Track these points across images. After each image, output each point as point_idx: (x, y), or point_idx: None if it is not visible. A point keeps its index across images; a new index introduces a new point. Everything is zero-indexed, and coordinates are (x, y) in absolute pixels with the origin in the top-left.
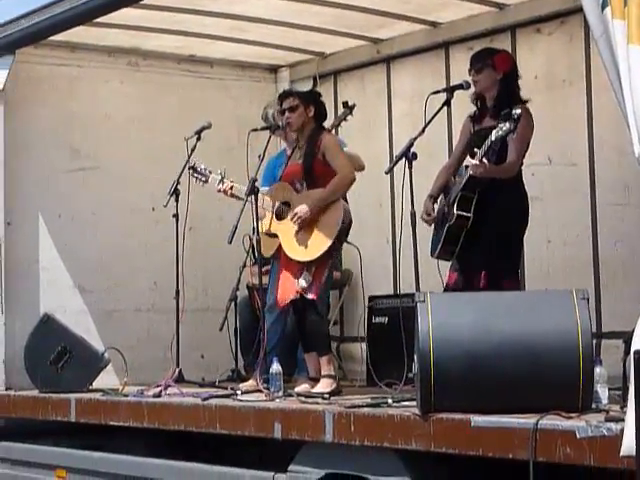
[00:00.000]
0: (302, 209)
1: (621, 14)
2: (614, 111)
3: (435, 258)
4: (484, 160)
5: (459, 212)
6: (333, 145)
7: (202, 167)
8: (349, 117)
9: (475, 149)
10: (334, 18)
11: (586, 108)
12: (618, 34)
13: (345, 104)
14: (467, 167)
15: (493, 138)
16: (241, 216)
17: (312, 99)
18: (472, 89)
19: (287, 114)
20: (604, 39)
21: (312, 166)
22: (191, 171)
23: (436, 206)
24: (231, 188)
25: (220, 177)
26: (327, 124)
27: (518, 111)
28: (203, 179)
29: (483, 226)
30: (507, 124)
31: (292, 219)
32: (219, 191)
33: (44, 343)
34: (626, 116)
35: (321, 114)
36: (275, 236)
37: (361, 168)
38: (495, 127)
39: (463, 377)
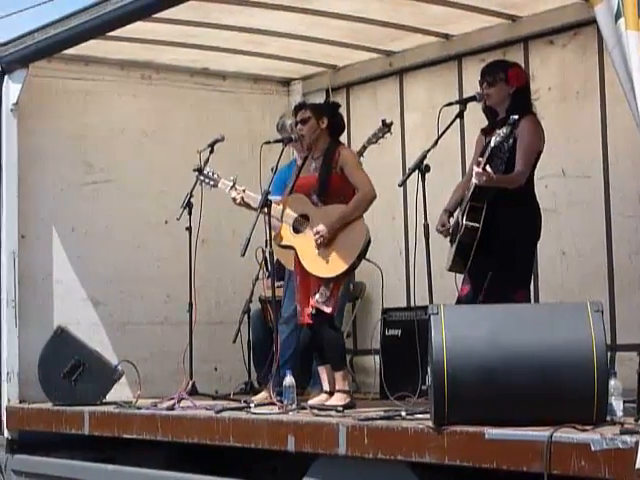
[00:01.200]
0: (323, 229)
1: (635, 25)
2: (628, 122)
3: (448, 271)
4: (487, 169)
5: (467, 222)
6: (351, 160)
7: (209, 170)
8: (387, 135)
9: (479, 158)
10: (347, 31)
11: (600, 119)
12: (632, 45)
13: (384, 122)
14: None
15: (492, 144)
16: (254, 228)
17: (325, 111)
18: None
19: (299, 126)
20: (618, 50)
21: (329, 180)
22: (197, 174)
23: (452, 220)
24: (243, 191)
25: (232, 183)
26: (363, 140)
27: (515, 117)
28: (211, 183)
29: (492, 238)
30: (504, 129)
31: (315, 238)
32: (233, 199)
33: (58, 356)
34: None
35: (336, 126)
36: (289, 247)
37: None
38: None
39: (477, 389)
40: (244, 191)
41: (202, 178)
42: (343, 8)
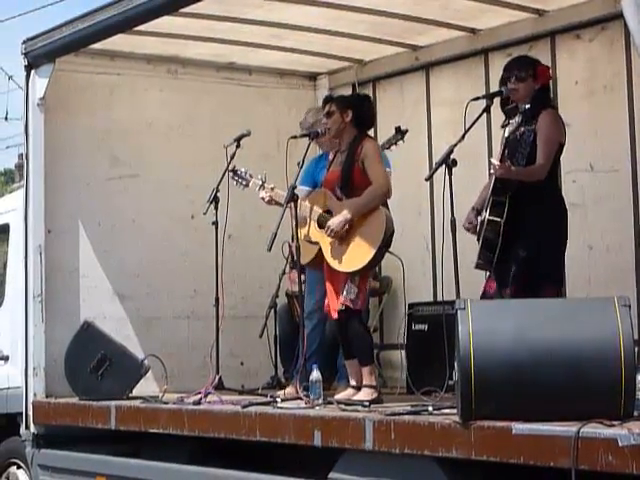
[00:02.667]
0: (335, 223)
1: None
2: None
3: (475, 268)
4: (506, 162)
5: (490, 217)
6: (372, 152)
7: (242, 170)
8: (400, 142)
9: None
10: (373, 25)
11: (628, 114)
12: None
13: (398, 129)
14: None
15: (506, 134)
16: (280, 223)
17: (350, 104)
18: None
19: (324, 119)
20: None
21: (351, 173)
22: (231, 174)
23: (479, 218)
24: (272, 189)
25: (261, 182)
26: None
27: (527, 106)
28: (244, 183)
29: (517, 234)
30: (516, 118)
31: (327, 233)
32: (262, 198)
33: (84, 351)
34: None
35: (362, 119)
36: (316, 243)
37: None
38: (523, 131)
39: (504, 384)
40: (272, 189)
41: (236, 178)
42: (367, 2)
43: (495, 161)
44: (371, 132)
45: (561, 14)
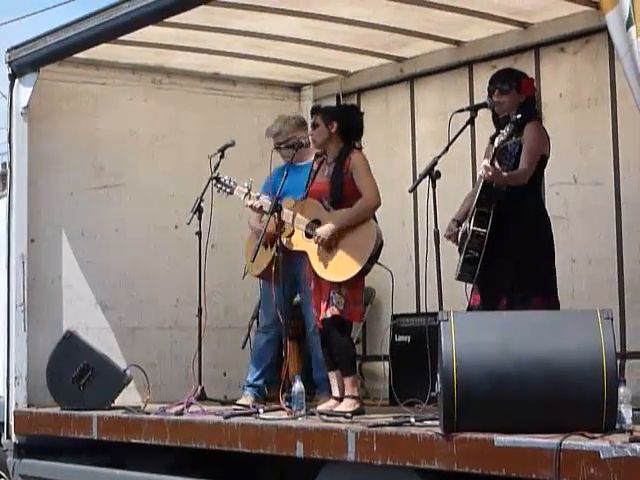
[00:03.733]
0: (324, 231)
1: None
2: None
3: (457, 280)
4: (495, 165)
5: (474, 228)
6: (360, 164)
7: (226, 178)
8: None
9: (485, 159)
10: (358, 36)
11: (611, 127)
12: None
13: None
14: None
15: (496, 144)
16: (264, 234)
17: (336, 115)
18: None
19: (310, 130)
20: (629, 58)
21: (341, 186)
22: (214, 181)
23: (461, 228)
24: (257, 198)
25: (247, 190)
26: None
27: (518, 115)
28: (227, 190)
29: (502, 245)
30: (507, 128)
31: (315, 241)
32: (247, 206)
33: (66, 360)
34: None
35: (349, 130)
36: (302, 252)
37: None
38: (510, 143)
39: (486, 396)
40: (258, 197)
41: (219, 186)
42: (351, 13)
43: (486, 162)
44: None
45: (545, 27)
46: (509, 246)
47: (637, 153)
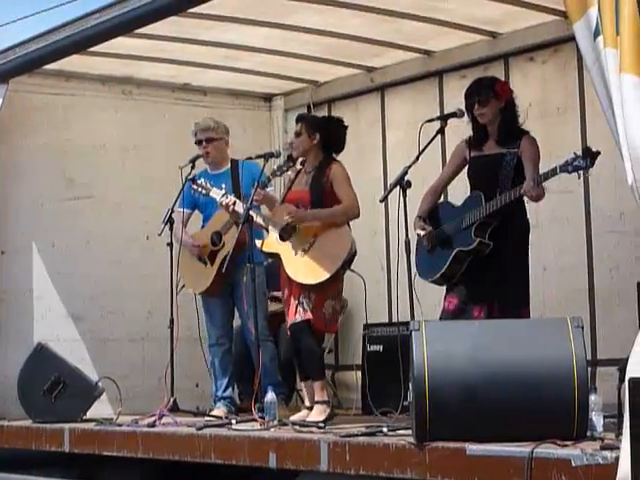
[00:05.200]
0: (295, 212)
1: (613, 43)
2: (608, 138)
3: (430, 282)
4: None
5: (480, 239)
6: (340, 175)
7: (202, 180)
8: (293, 169)
9: (535, 174)
10: (328, 47)
11: (580, 135)
12: (610, 63)
13: (289, 157)
14: (478, 193)
15: (559, 171)
16: (235, 244)
17: (320, 126)
18: (466, 117)
19: (293, 138)
20: (597, 68)
21: (321, 195)
22: (190, 182)
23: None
24: (234, 203)
25: (224, 192)
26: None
27: (597, 150)
28: (203, 192)
29: (496, 254)
30: (582, 161)
31: (286, 220)
32: (221, 205)
33: (38, 373)
34: (619, 144)
35: (331, 142)
36: (275, 255)
37: None
38: (503, 154)
39: (458, 405)
40: (234, 203)
41: (195, 187)
42: (323, 24)
43: (531, 182)
44: None
45: (515, 36)
46: (495, 257)
47: (606, 161)
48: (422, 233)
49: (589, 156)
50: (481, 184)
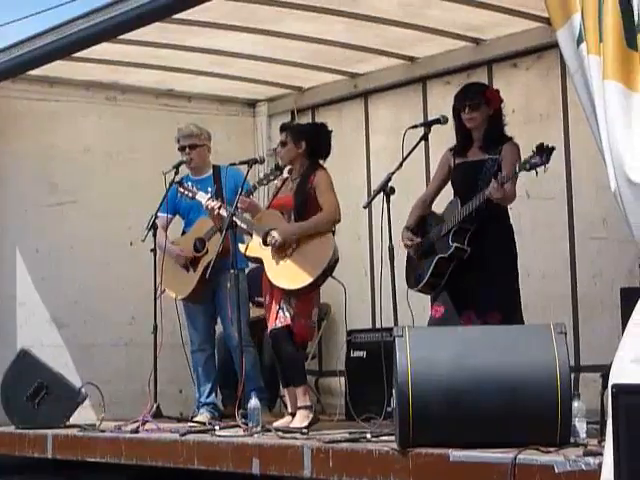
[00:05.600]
0: (278, 234)
1: (596, 50)
2: (591, 145)
3: (416, 291)
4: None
5: (457, 245)
6: (323, 182)
7: (189, 183)
8: (279, 178)
9: (499, 175)
10: (312, 53)
11: (563, 142)
12: (593, 70)
13: (276, 166)
14: (456, 199)
15: (518, 170)
16: (219, 251)
17: (305, 135)
18: (450, 123)
19: (279, 148)
20: (580, 74)
21: (305, 201)
22: (177, 185)
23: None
24: (219, 207)
25: (210, 195)
26: (251, 180)
27: (551, 145)
28: (190, 195)
29: (479, 261)
30: (538, 157)
31: (269, 241)
32: (207, 207)
33: (21, 379)
34: (602, 151)
35: (317, 149)
36: (257, 259)
37: None
38: (485, 160)
39: (442, 411)
40: (220, 207)
41: (181, 190)
42: (306, 30)
43: (496, 183)
44: None
45: (498, 43)
46: (479, 263)
47: (589, 168)
48: (409, 244)
49: (544, 152)
50: (462, 190)
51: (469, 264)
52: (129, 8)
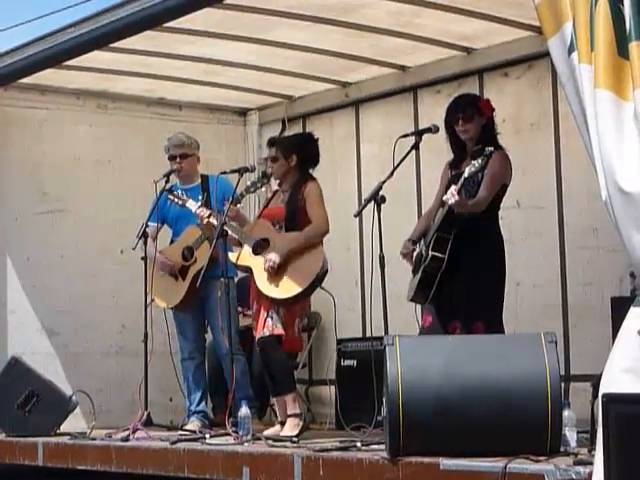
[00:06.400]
0: (275, 257)
1: (588, 59)
2: (582, 154)
3: (410, 301)
4: (462, 194)
5: (433, 253)
6: (314, 194)
7: (180, 191)
8: (265, 186)
9: (454, 185)
10: (303, 62)
11: (554, 151)
12: (585, 79)
13: (264, 173)
14: (442, 209)
15: (466, 174)
16: (209, 260)
17: (295, 148)
18: (441, 132)
19: (269, 163)
20: (571, 84)
21: (295, 212)
22: (167, 192)
23: (417, 249)
24: (209, 216)
25: (200, 203)
26: (241, 189)
27: (490, 148)
28: (180, 202)
29: (459, 271)
30: (479, 160)
31: (265, 265)
32: (197, 215)
33: (11, 387)
34: (593, 160)
35: (307, 160)
36: (246, 268)
37: None
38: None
39: (432, 420)
40: (210, 216)
41: (172, 197)
42: (298, 39)
43: (454, 189)
44: None
45: (489, 52)
46: (466, 273)
47: (579, 177)
48: (404, 252)
49: (478, 156)
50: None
51: (458, 274)
52: (120, 16)
